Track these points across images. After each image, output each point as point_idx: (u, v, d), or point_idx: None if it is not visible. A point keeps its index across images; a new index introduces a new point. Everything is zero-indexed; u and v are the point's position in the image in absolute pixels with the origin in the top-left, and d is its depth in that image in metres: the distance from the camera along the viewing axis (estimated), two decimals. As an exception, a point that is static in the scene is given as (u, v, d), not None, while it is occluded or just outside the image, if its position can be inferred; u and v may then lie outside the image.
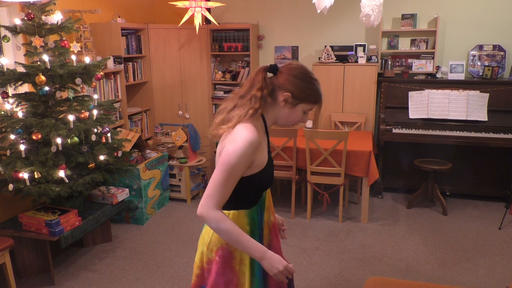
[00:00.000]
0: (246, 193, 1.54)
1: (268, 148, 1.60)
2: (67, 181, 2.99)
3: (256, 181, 1.52)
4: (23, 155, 2.96)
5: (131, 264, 3.29)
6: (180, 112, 5.18)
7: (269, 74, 1.54)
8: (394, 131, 4.40)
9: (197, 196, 4.78)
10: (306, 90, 1.51)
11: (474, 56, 4.62)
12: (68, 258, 3.40)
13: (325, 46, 4.89)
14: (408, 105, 4.50)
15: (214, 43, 5.14)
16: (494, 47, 4.55)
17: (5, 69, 2.95)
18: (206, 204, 1.43)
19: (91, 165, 3.22)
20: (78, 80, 3.09)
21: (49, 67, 2.93)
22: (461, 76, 4.53)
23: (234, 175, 1.43)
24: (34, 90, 3.10)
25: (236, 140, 1.42)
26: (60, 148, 2.96)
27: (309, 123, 4.79)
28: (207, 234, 1.58)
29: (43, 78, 2.89)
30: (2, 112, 3.04)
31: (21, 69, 2.98)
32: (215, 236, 1.54)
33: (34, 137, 2.92)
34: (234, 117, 1.48)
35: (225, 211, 1.50)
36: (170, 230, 3.89)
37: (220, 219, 1.43)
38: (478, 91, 4.35)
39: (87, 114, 3.21)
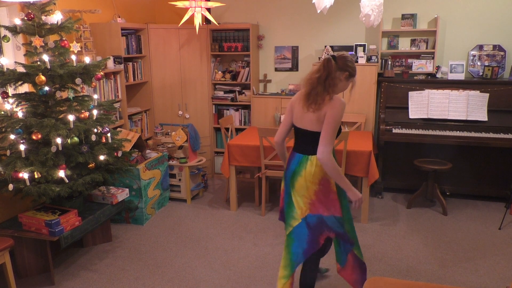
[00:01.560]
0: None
1: None
2: (67, 181, 2.99)
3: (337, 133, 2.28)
4: (23, 155, 2.96)
5: (131, 264, 3.29)
6: (180, 112, 5.18)
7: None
8: (394, 131, 4.40)
9: (197, 196, 4.78)
10: (354, 69, 2.31)
11: (474, 56, 4.62)
12: (68, 258, 3.40)
13: (325, 46, 4.89)
14: (408, 105, 4.50)
15: (214, 43, 5.14)
16: (494, 47, 4.55)
17: (5, 69, 2.95)
18: (326, 151, 2.19)
19: (91, 165, 3.22)
20: (78, 80, 3.09)
21: (49, 67, 2.93)
22: (461, 76, 4.53)
23: (337, 128, 2.23)
24: (34, 90, 3.10)
25: (337, 105, 2.21)
26: (60, 148, 2.96)
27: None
28: (309, 174, 2.32)
29: (43, 78, 2.89)
30: (2, 112, 3.04)
31: (21, 69, 2.98)
32: (316, 173, 2.31)
33: (34, 137, 2.92)
34: (329, 94, 2.24)
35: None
36: (170, 230, 3.89)
37: (334, 161, 2.23)
38: (478, 91, 4.35)
39: (87, 114, 3.21)
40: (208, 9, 4.84)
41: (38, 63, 3.01)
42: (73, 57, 3.16)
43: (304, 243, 2.38)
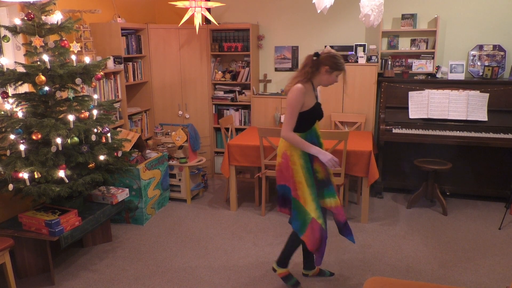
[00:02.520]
0: (300, 123, 2.61)
1: (316, 99, 2.68)
2: (67, 181, 2.99)
3: (306, 115, 2.61)
4: (23, 155, 2.96)
5: (131, 264, 3.29)
6: (180, 112, 5.18)
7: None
8: (394, 131, 4.40)
9: (197, 196, 4.78)
10: (337, 64, 2.58)
11: (474, 56, 4.62)
12: (68, 258, 3.40)
13: (325, 46, 4.88)
14: (408, 105, 4.50)
15: (214, 43, 5.14)
16: (494, 47, 4.55)
17: (5, 69, 2.95)
18: (285, 129, 2.60)
19: (91, 165, 3.22)
20: (78, 80, 3.09)
21: (49, 67, 2.93)
22: (461, 76, 4.53)
23: (295, 110, 2.56)
24: (34, 90, 3.10)
25: (291, 91, 2.57)
26: (60, 148, 2.96)
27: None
28: (278, 149, 2.74)
29: (43, 78, 2.89)
30: (2, 112, 3.04)
31: (21, 69, 2.98)
32: (280, 147, 2.71)
33: (34, 137, 2.92)
34: (294, 82, 2.61)
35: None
36: (170, 230, 3.89)
37: (293, 136, 2.59)
38: (478, 91, 4.35)
39: (87, 114, 3.21)
40: (208, 9, 4.84)
41: (38, 63, 3.01)
42: (73, 57, 3.16)
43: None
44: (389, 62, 4.68)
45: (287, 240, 2.89)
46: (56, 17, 3.08)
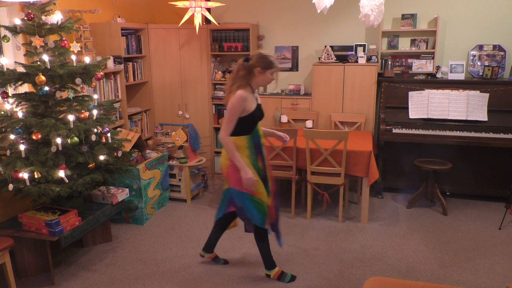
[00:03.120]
0: (244, 126, 2.73)
1: (256, 102, 2.78)
2: (67, 181, 2.99)
3: (250, 118, 2.73)
4: (23, 155, 2.96)
5: (131, 264, 3.29)
6: (180, 112, 5.18)
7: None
8: (394, 131, 4.40)
9: (197, 196, 4.78)
10: (267, 63, 2.69)
11: (474, 56, 4.62)
12: (68, 258, 3.40)
13: (325, 46, 4.89)
14: (408, 105, 4.50)
15: (214, 43, 5.14)
16: (494, 47, 4.55)
17: (5, 69, 2.95)
18: (223, 133, 2.69)
19: (91, 165, 3.22)
20: (78, 80, 3.09)
21: (49, 67, 2.93)
22: (461, 76, 4.53)
23: (234, 116, 2.67)
24: (34, 90, 3.10)
25: (233, 97, 2.66)
26: (60, 148, 2.96)
27: (308, 123, 4.80)
28: (224, 152, 2.81)
29: (43, 78, 2.89)
30: (2, 112, 3.04)
31: (21, 69, 2.98)
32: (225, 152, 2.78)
33: (34, 137, 2.92)
34: (234, 88, 2.70)
35: (233, 137, 2.71)
36: (170, 230, 3.89)
37: (227, 142, 2.70)
38: (478, 91, 4.35)
39: (87, 114, 3.21)
40: (208, 9, 4.83)
41: (38, 63, 3.01)
42: (73, 57, 3.16)
43: (221, 204, 3.05)
44: (389, 62, 4.68)
45: (258, 246, 3.03)
46: (56, 17, 3.08)
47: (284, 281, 3.00)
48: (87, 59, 3.22)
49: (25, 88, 3.38)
